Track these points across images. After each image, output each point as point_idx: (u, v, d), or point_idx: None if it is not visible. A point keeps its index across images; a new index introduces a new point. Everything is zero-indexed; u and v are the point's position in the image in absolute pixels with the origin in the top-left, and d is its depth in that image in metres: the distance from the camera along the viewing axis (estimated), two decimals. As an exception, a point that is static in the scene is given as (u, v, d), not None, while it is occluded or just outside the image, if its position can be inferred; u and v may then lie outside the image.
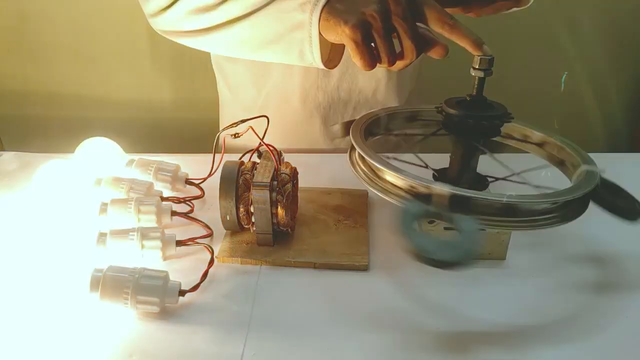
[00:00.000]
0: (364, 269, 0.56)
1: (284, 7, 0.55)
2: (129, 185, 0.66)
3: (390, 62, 0.52)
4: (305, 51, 0.56)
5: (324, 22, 0.53)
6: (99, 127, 0.85)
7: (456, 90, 0.56)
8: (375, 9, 0.49)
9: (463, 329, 0.49)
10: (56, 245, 0.59)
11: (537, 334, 0.49)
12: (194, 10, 0.60)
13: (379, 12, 0.49)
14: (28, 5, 1.25)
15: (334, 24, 0.52)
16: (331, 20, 0.52)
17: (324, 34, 0.54)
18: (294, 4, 0.54)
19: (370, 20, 0.50)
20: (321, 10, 0.53)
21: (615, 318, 0.50)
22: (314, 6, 0.53)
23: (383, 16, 0.49)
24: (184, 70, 1.34)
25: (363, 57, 0.51)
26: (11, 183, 0.73)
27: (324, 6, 0.53)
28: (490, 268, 0.57)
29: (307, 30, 0.54)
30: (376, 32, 0.50)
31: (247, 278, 0.56)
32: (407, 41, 0.50)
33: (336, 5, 0.52)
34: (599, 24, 1.33)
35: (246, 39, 0.59)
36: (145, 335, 0.48)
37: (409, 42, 0.50)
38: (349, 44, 0.51)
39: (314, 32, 0.54)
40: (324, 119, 0.84)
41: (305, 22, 0.54)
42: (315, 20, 0.53)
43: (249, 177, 0.57)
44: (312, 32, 0.54)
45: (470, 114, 0.52)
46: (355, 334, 0.49)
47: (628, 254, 0.59)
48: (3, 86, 1.35)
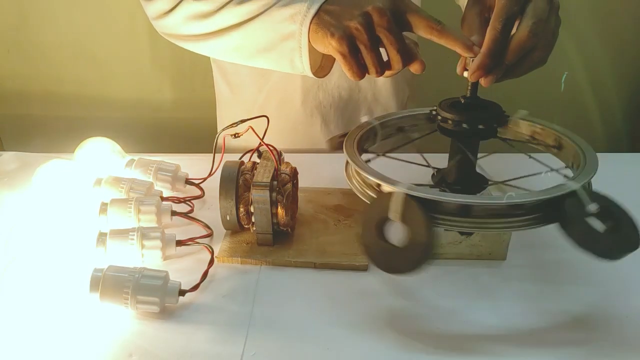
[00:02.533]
0: (364, 269, 0.56)
1: (276, 17, 0.56)
2: (129, 185, 0.66)
3: (378, 72, 0.53)
4: (296, 60, 0.57)
5: (313, 33, 0.54)
6: (99, 127, 0.85)
7: (456, 86, 0.56)
8: (360, 21, 0.50)
9: (463, 329, 0.49)
10: (56, 245, 0.59)
11: (537, 335, 0.49)
12: (191, 17, 0.61)
13: (363, 25, 0.50)
14: (28, 5, 1.25)
15: (322, 36, 0.53)
16: (319, 32, 0.53)
17: (314, 44, 0.55)
18: (286, 14, 0.55)
19: (355, 33, 0.51)
20: (310, 21, 0.54)
21: (615, 318, 0.50)
22: (304, 17, 0.54)
23: (367, 28, 0.50)
24: (184, 70, 1.34)
25: (351, 68, 0.53)
26: (11, 183, 0.73)
27: (313, 17, 0.54)
28: (491, 268, 0.57)
29: (297, 40, 0.55)
30: (362, 44, 0.51)
31: (247, 278, 0.56)
32: (393, 52, 0.51)
33: (325, 17, 0.53)
34: (599, 24, 1.33)
35: (240, 46, 0.61)
36: (145, 335, 0.48)
37: (394, 53, 0.51)
38: (336, 56, 0.52)
39: (303, 42, 0.55)
40: (324, 119, 0.84)
41: (296, 33, 0.55)
42: (305, 30, 0.54)
43: (249, 177, 0.57)
44: (302, 42, 0.55)
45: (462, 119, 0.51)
46: (355, 334, 0.49)
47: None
48: (3, 86, 1.35)
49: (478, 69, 0.49)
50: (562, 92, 1.36)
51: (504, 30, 0.48)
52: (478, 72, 0.49)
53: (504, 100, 0.54)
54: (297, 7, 0.54)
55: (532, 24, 0.48)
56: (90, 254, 0.56)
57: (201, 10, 0.60)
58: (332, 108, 0.84)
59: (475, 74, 0.49)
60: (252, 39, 0.59)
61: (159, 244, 0.56)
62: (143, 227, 0.58)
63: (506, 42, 0.48)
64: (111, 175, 0.68)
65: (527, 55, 0.49)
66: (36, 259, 0.58)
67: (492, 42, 0.48)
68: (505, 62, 0.49)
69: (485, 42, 0.48)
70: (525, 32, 0.48)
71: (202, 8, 0.60)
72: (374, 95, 0.84)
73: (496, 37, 0.48)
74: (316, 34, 0.53)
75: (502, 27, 0.48)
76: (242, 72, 0.84)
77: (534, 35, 0.48)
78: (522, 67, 0.50)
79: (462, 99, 0.53)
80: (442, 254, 0.58)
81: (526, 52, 0.49)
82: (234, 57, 0.64)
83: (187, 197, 0.68)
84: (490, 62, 0.48)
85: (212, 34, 0.61)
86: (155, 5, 0.63)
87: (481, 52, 0.48)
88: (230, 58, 0.64)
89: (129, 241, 0.56)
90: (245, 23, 0.58)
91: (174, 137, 1.40)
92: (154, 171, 0.69)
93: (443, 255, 0.58)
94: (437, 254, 0.57)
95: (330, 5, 0.53)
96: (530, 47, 0.48)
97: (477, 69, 0.49)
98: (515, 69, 0.50)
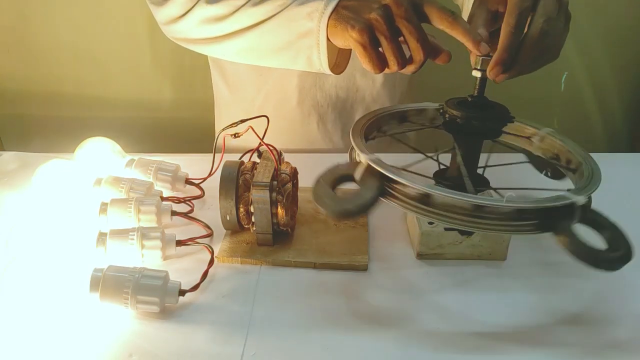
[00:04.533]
0: (364, 269, 0.56)
1: (293, 16, 0.57)
2: (129, 185, 0.66)
3: (400, 65, 0.52)
4: (313, 57, 0.57)
5: (332, 28, 0.54)
6: (99, 127, 0.85)
7: (455, 87, 0.56)
8: (378, 13, 0.50)
9: (463, 329, 0.49)
10: (56, 245, 0.59)
11: (538, 334, 0.49)
12: (206, 20, 0.62)
13: (382, 16, 0.50)
14: (28, 5, 1.25)
15: (342, 30, 0.53)
16: (338, 26, 0.53)
17: (332, 39, 0.55)
18: (303, 13, 0.56)
19: (375, 24, 0.51)
20: (328, 17, 0.54)
21: (614, 319, 0.50)
22: (322, 14, 0.54)
23: (386, 19, 0.50)
24: (184, 70, 1.34)
25: (371, 59, 0.52)
26: (11, 183, 0.73)
27: (331, 14, 0.54)
28: (491, 268, 0.57)
29: (315, 37, 0.56)
30: (382, 35, 0.51)
31: (247, 278, 0.56)
32: (413, 41, 0.51)
33: (343, 12, 0.53)
34: (599, 24, 1.33)
35: (256, 46, 0.61)
36: (145, 335, 0.48)
37: (414, 43, 0.51)
38: (357, 48, 0.52)
39: (322, 39, 0.55)
40: (321, 118, 0.84)
41: (314, 30, 0.55)
42: (323, 27, 0.55)
43: (249, 177, 0.57)
44: (320, 38, 0.55)
45: (472, 115, 0.52)
46: (355, 334, 0.49)
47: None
48: (3, 86, 1.35)
49: (497, 65, 0.49)
50: (562, 92, 1.36)
51: (517, 24, 0.48)
52: (497, 68, 0.49)
53: (504, 100, 0.54)
54: (315, 5, 0.55)
55: (542, 21, 0.48)
56: (90, 254, 0.56)
57: (216, 13, 0.60)
58: (329, 107, 0.84)
59: (494, 70, 0.49)
60: (267, 38, 0.59)
61: (159, 244, 0.56)
62: (143, 227, 0.58)
63: (520, 37, 0.49)
64: (111, 175, 0.67)
65: (539, 52, 0.50)
66: (36, 259, 0.58)
67: (508, 38, 0.48)
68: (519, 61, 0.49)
69: (501, 38, 0.49)
70: (537, 30, 0.48)
71: (216, 11, 0.60)
72: (372, 95, 0.84)
73: (511, 32, 0.48)
74: (335, 29, 0.54)
75: (516, 22, 0.48)
76: (241, 72, 0.84)
77: (545, 33, 0.48)
78: (535, 64, 0.51)
79: (469, 98, 0.53)
80: (442, 254, 0.58)
81: (539, 50, 0.49)
82: (247, 58, 0.64)
83: (187, 197, 0.68)
84: (508, 57, 0.48)
85: (227, 36, 0.62)
86: (167, 10, 0.63)
87: (498, 49, 0.49)
88: (242, 59, 0.65)
89: (129, 241, 0.56)
90: (261, 23, 0.59)
91: (174, 137, 1.40)
92: (154, 171, 0.69)
93: (443, 255, 0.58)
94: (435, 254, 0.57)
95: (347, 1, 0.54)
96: (543, 44, 0.49)
97: (495, 64, 0.49)
98: (527, 65, 0.50)
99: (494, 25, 0.52)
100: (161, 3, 0.64)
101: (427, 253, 0.58)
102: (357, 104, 0.85)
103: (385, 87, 0.85)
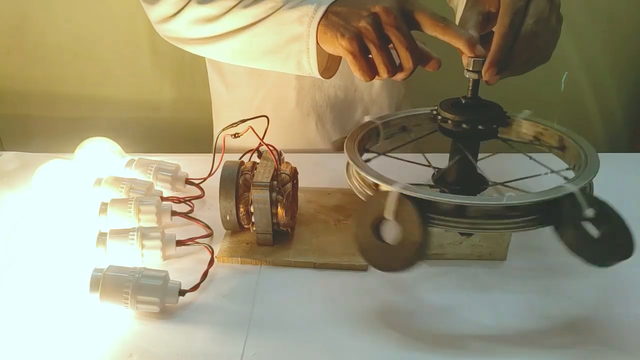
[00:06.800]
0: (364, 269, 0.56)
1: (283, 20, 0.57)
2: (129, 185, 0.66)
3: (390, 73, 0.52)
4: (303, 62, 0.57)
5: (322, 34, 0.54)
6: (99, 127, 0.85)
7: (452, 87, 0.56)
8: (368, 21, 0.50)
9: (463, 330, 0.49)
10: (56, 245, 0.59)
11: (538, 335, 0.49)
12: (197, 21, 0.61)
13: (371, 24, 0.50)
14: (28, 6, 1.25)
15: (331, 37, 0.53)
16: (328, 33, 0.53)
17: (322, 45, 0.55)
18: (293, 17, 0.56)
19: (364, 32, 0.51)
20: (318, 23, 0.54)
21: (614, 320, 0.50)
22: (312, 19, 0.54)
23: (376, 27, 0.50)
24: (184, 70, 1.34)
25: (361, 67, 0.53)
26: (11, 183, 0.73)
27: (320, 19, 0.54)
28: (491, 269, 0.57)
29: (305, 42, 0.55)
30: (371, 43, 0.51)
31: (247, 278, 0.56)
32: (402, 50, 0.51)
33: (333, 18, 0.53)
34: (599, 24, 1.33)
35: (246, 49, 0.61)
36: (145, 335, 0.48)
37: (404, 51, 0.51)
38: (347, 56, 0.52)
39: (311, 44, 0.55)
40: (320, 118, 0.84)
41: (304, 34, 0.55)
42: (313, 32, 0.54)
43: (249, 177, 0.57)
44: (309, 43, 0.55)
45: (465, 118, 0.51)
46: (355, 334, 0.49)
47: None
48: (3, 86, 1.35)
49: (491, 66, 0.49)
50: (562, 92, 1.36)
51: (512, 25, 0.48)
52: (492, 69, 0.49)
53: (504, 101, 0.54)
54: (304, 9, 0.55)
55: (532, 22, 0.48)
56: (90, 254, 0.56)
57: (207, 14, 0.60)
58: (328, 107, 0.84)
59: (489, 71, 0.49)
60: (258, 41, 0.59)
61: (159, 244, 0.56)
62: (143, 227, 0.58)
63: (514, 38, 0.49)
64: (111, 175, 0.67)
65: (530, 53, 0.50)
66: (36, 259, 0.58)
67: (502, 38, 0.48)
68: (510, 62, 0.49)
69: (495, 39, 0.49)
70: (527, 31, 0.48)
71: (207, 12, 0.60)
72: (370, 95, 0.84)
73: (505, 32, 0.48)
74: (325, 35, 0.54)
75: (510, 22, 0.48)
76: (239, 72, 0.84)
77: (534, 34, 0.48)
78: (525, 65, 0.51)
79: (462, 99, 0.53)
80: (442, 254, 0.58)
81: (529, 51, 0.49)
82: (238, 60, 0.64)
83: (187, 197, 0.68)
84: (502, 57, 0.48)
85: (217, 37, 0.62)
86: (159, 9, 0.63)
87: (492, 49, 0.48)
88: (233, 60, 0.64)
89: (129, 241, 0.56)
90: (252, 26, 0.59)
91: (174, 137, 1.40)
92: (154, 171, 0.69)
93: (444, 256, 0.58)
94: (435, 254, 0.57)
95: (337, 6, 0.54)
96: (532, 45, 0.49)
97: (490, 65, 0.49)
98: (518, 66, 0.50)
99: (485, 28, 0.52)
100: (153, 2, 0.64)
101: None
102: (356, 104, 0.84)
103: (384, 87, 0.85)
